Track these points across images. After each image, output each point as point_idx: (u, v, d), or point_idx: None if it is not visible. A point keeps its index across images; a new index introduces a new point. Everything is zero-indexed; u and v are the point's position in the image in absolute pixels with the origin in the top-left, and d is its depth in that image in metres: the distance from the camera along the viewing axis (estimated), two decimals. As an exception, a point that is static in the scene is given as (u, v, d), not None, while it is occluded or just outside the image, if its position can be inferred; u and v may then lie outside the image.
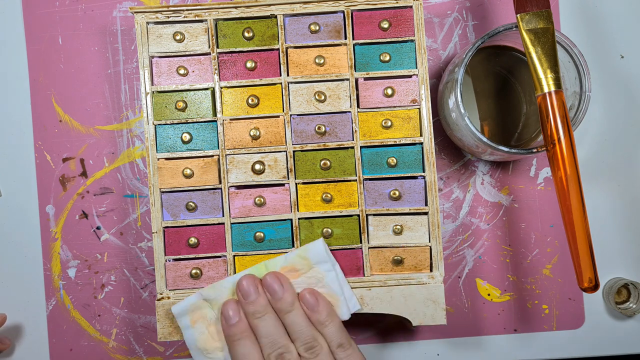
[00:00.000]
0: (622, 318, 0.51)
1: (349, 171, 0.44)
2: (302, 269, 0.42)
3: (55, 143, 0.50)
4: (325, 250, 0.43)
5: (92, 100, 0.51)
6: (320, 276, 0.42)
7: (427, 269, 0.44)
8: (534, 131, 0.48)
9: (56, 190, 0.50)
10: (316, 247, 0.42)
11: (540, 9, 0.41)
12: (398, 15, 0.44)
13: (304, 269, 0.42)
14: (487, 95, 0.49)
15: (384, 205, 0.44)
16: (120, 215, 0.50)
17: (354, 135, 0.44)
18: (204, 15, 0.44)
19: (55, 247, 0.50)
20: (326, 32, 0.44)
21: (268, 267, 0.42)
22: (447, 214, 0.51)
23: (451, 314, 0.51)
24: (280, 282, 0.41)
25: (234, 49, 0.44)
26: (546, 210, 0.51)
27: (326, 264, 0.42)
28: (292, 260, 0.42)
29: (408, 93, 0.44)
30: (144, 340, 0.51)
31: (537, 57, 0.41)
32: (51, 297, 0.50)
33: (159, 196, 0.44)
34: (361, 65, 0.44)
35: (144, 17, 0.44)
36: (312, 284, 0.42)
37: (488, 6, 0.51)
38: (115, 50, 0.51)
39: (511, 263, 0.51)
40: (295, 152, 0.44)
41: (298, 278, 0.42)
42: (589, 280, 0.39)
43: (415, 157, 0.44)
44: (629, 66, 0.52)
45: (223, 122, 0.44)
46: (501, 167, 0.51)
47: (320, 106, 0.44)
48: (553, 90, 0.40)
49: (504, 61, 0.49)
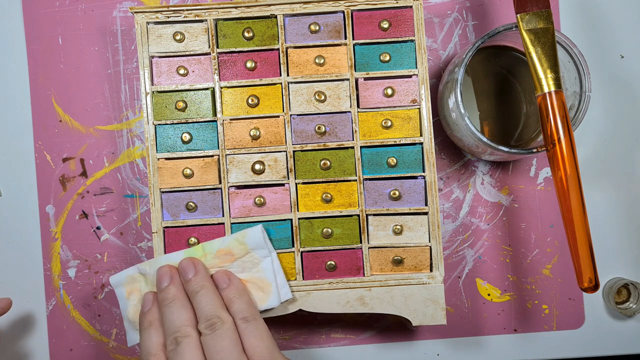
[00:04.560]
0: (622, 318, 0.51)
1: (349, 171, 0.44)
2: (238, 253, 0.43)
3: (55, 143, 0.50)
4: (264, 236, 0.43)
5: (92, 100, 0.51)
6: (256, 261, 0.43)
7: (427, 269, 0.44)
8: (534, 131, 0.48)
9: (56, 190, 0.50)
10: (254, 233, 0.43)
11: (540, 9, 0.41)
12: (398, 15, 0.44)
13: (240, 253, 0.43)
14: (487, 95, 0.49)
15: (384, 205, 0.44)
16: (120, 215, 0.50)
17: (354, 135, 0.44)
18: (204, 15, 0.44)
19: (55, 247, 0.50)
20: (326, 32, 0.44)
21: (205, 249, 0.43)
22: (447, 214, 0.51)
23: (451, 314, 0.51)
24: (194, 265, 0.41)
25: (234, 49, 0.44)
26: (546, 210, 0.51)
27: (263, 250, 0.43)
28: (229, 243, 0.43)
29: (408, 93, 0.44)
30: (144, 340, 0.51)
31: (537, 57, 0.41)
32: (51, 297, 0.50)
33: (159, 196, 0.44)
34: (361, 65, 0.44)
35: (144, 17, 0.44)
36: (247, 269, 0.43)
37: (488, 6, 0.51)
38: (115, 50, 0.51)
39: (511, 263, 0.51)
40: (295, 152, 0.44)
41: (234, 262, 0.43)
42: (589, 280, 0.39)
43: (415, 157, 0.44)
44: (629, 66, 0.52)
45: (223, 122, 0.44)
46: (501, 167, 0.51)
47: (320, 106, 0.44)
48: (553, 90, 0.40)
49: (504, 61, 0.49)
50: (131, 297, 0.43)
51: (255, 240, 0.42)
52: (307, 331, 0.51)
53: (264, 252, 0.43)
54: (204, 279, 0.41)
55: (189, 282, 0.41)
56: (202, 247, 0.43)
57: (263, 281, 0.42)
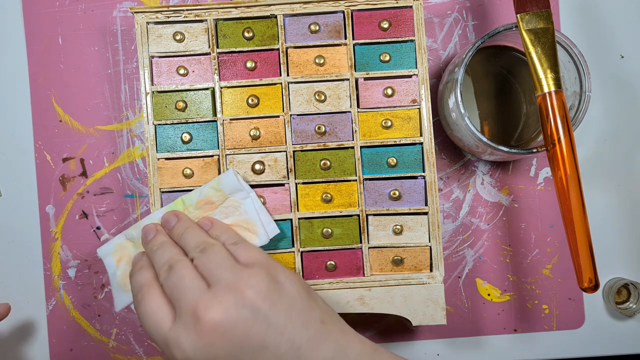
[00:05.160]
0: (622, 318, 0.51)
1: (349, 171, 0.44)
2: (217, 201, 0.43)
3: (55, 143, 0.50)
4: (237, 179, 0.43)
5: (92, 100, 0.51)
6: (237, 204, 0.43)
7: (427, 269, 0.44)
8: (534, 131, 0.48)
9: (56, 190, 0.50)
10: (228, 178, 0.42)
11: (540, 9, 0.41)
12: (398, 15, 0.44)
13: (219, 200, 0.43)
14: (487, 95, 0.49)
15: (384, 205, 0.44)
16: (120, 215, 0.50)
17: (354, 135, 0.44)
18: (204, 15, 0.44)
19: (55, 247, 0.50)
20: (326, 32, 0.44)
21: (185, 202, 0.43)
22: (447, 214, 0.51)
23: (451, 314, 0.51)
24: (176, 215, 0.41)
25: (234, 49, 0.44)
26: (546, 210, 0.51)
27: (241, 193, 0.43)
28: (206, 193, 0.42)
29: (408, 93, 0.44)
30: (144, 340, 0.51)
31: (537, 57, 0.41)
32: (51, 297, 0.50)
33: (159, 196, 0.44)
34: (361, 65, 0.44)
35: (144, 17, 0.44)
36: (230, 214, 0.42)
37: (488, 6, 0.51)
38: (115, 50, 0.51)
39: (511, 263, 0.51)
40: (295, 152, 0.44)
41: (215, 210, 0.43)
42: (589, 280, 0.39)
43: (415, 157, 0.44)
44: (629, 66, 0.52)
45: (223, 122, 0.44)
46: (501, 167, 0.51)
47: (320, 106, 0.44)
48: (553, 90, 0.40)
49: (504, 61, 0.49)
50: (120, 263, 0.43)
51: (230, 185, 0.42)
52: (307, 331, 0.51)
53: (242, 194, 0.43)
54: (188, 221, 0.40)
55: (173, 228, 0.40)
56: (181, 200, 0.43)
57: (248, 222, 0.42)
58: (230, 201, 0.43)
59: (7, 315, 0.48)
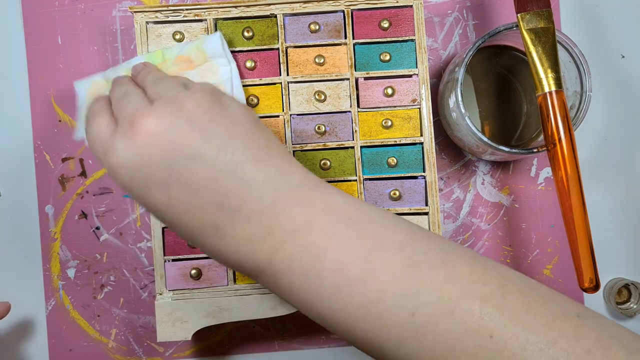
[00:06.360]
0: (622, 318, 0.51)
1: (349, 171, 0.44)
2: (197, 61, 0.42)
3: (55, 143, 0.50)
4: (223, 45, 0.42)
5: (92, 100, 0.50)
6: (215, 69, 0.42)
7: (428, 269, 0.44)
8: (535, 131, 0.48)
9: (55, 190, 0.50)
10: (213, 40, 0.42)
11: (540, 9, 0.41)
12: (398, 15, 0.44)
13: (198, 60, 0.42)
14: (487, 95, 0.49)
15: (384, 206, 0.44)
16: (119, 215, 0.50)
17: (354, 135, 0.44)
18: (203, 15, 0.44)
19: (55, 247, 0.50)
20: (326, 31, 0.44)
21: (165, 54, 0.42)
22: (448, 214, 0.51)
23: (451, 315, 0.51)
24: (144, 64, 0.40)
25: (233, 48, 0.44)
26: (547, 210, 0.51)
27: (222, 59, 0.42)
28: (188, 50, 0.42)
29: (408, 93, 0.44)
30: (144, 341, 0.50)
31: (538, 57, 0.41)
32: (50, 298, 0.50)
33: (158, 196, 0.44)
34: (361, 65, 0.44)
35: (144, 16, 0.44)
36: (206, 77, 0.42)
37: (488, 6, 0.51)
38: (114, 50, 0.51)
39: (512, 263, 0.51)
40: (295, 152, 0.44)
41: (193, 69, 0.42)
42: (589, 280, 0.39)
43: (416, 157, 0.44)
44: (629, 66, 0.51)
45: (223, 121, 0.44)
46: (502, 167, 0.51)
47: (320, 106, 0.44)
48: (554, 90, 0.40)
49: (505, 61, 0.49)
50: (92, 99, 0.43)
51: (214, 48, 0.42)
52: (307, 331, 0.51)
53: (223, 60, 0.42)
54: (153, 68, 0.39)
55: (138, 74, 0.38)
56: (162, 52, 0.42)
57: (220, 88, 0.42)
58: (210, 65, 0.42)
59: (7, 313, 0.48)
